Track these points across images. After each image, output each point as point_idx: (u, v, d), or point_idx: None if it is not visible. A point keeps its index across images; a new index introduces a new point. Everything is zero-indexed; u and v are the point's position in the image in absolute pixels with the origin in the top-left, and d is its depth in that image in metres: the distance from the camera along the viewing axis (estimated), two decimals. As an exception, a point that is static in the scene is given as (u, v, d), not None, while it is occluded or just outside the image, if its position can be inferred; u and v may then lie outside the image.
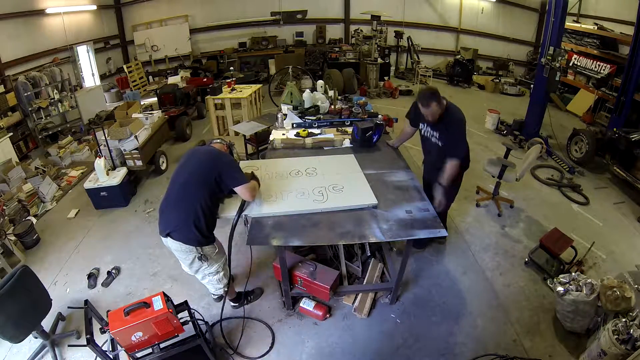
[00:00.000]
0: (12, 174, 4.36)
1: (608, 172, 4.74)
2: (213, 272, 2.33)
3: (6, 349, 2.54)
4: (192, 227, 2.07)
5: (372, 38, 8.38)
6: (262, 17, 9.45)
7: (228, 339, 2.54)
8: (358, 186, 2.63)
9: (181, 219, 2.08)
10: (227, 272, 2.42)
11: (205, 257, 2.21)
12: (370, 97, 7.94)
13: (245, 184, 2.17)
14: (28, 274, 2.31)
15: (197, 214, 2.07)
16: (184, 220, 2.07)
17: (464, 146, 2.71)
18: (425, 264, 3.23)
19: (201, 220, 2.09)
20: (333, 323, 2.68)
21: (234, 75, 7.40)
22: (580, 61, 6.97)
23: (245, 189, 2.17)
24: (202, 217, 2.09)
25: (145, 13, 8.90)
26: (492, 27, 9.98)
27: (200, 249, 2.17)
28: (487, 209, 4.04)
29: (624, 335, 2.06)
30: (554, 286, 2.61)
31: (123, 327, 1.82)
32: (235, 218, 2.28)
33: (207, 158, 2.18)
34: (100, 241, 3.64)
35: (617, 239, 3.55)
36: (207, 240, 2.19)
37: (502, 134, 6.03)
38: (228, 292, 2.50)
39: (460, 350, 2.48)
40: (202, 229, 2.11)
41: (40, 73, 5.80)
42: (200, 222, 2.09)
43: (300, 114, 3.97)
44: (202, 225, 2.10)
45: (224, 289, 2.44)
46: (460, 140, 2.66)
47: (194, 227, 2.08)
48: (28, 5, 6.07)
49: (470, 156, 3.00)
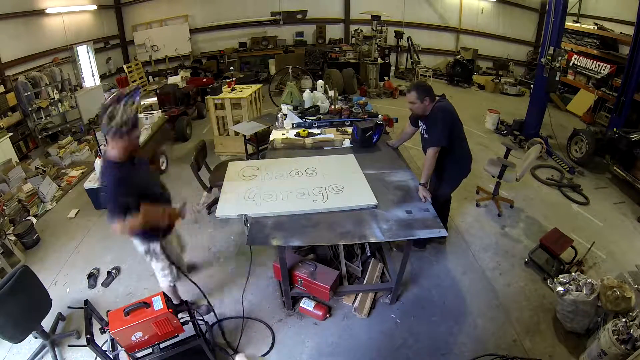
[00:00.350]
0: (12, 174, 4.37)
1: (608, 172, 4.74)
2: (165, 266, 2.33)
3: (6, 349, 2.54)
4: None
5: (372, 38, 8.37)
6: (262, 17, 9.44)
7: (228, 339, 2.54)
8: (358, 186, 2.63)
9: None
10: (174, 276, 2.40)
11: (155, 253, 2.23)
12: (370, 97, 7.94)
13: (113, 219, 1.87)
14: (28, 274, 2.31)
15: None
16: None
17: (442, 134, 2.63)
18: (425, 264, 3.23)
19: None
20: (333, 323, 2.68)
21: (234, 75, 7.38)
22: (580, 61, 6.97)
23: (114, 228, 1.90)
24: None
25: (145, 13, 8.90)
26: (492, 27, 9.97)
27: (149, 245, 2.19)
28: (487, 209, 4.04)
29: (624, 335, 2.07)
30: (554, 286, 2.60)
31: (123, 327, 1.82)
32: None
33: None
34: (100, 241, 3.64)
35: (617, 239, 3.55)
36: (152, 237, 2.16)
37: (502, 134, 6.03)
38: (171, 292, 2.50)
39: (460, 350, 2.48)
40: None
41: (40, 73, 5.79)
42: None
43: (300, 114, 3.97)
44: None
45: (175, 282, 2.45)
46: (441, 129, 2.62)
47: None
48: (28, 5, 6.07)
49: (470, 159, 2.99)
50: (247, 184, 2.67)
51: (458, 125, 2.78)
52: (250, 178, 2.75)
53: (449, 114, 2.68)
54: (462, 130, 2.84)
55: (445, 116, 2.66)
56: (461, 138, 2.84)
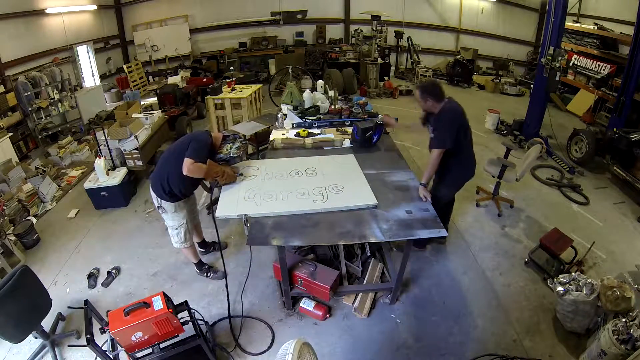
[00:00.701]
0: (12, 174, 4.37)
1: (608, 172, 4.74)
2: (172, 227, 2.78)
3: (6, 349, 2.54)
4: (159, 184, 2.58)
5: (372, 38, 8.38)
6: (262, 17, 9.45)
7: (227, 339, 2.54)
8: (358, 186, 2.63)
9: (157, 176, 2.62)
10: (188, 236, 2.84)
11: (164, 210, 2.69)
12: (370, 97, 7.94)
13: (191, 158, 2.41)
14: (28, 274, 2.31)
15: (167, 176, 2.56)
16: (158, 177, 2.60)
17: (448, 136, 2.62)
18: (425, 264, 3.23)
19: (168, 181, 2.56)
20: (333, 323, 2.68)
21: (234, 75, 7.39)
22: (580, 61, 6.97)
23: (187, 162, 2.41)
24: (169, 179, 2.55)
25: (145, 13, 8.91)
26: (492, 27, 9.98)
27: (160, 201, 2.65)
28: (487, 209, 4.04)
29: (624, 335, 2.06)
30: (554, 286, 2.60)
31: (123, 327, 1.82)
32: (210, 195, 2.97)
33: (188, 136, 2.67)
34: (100, 241, 3.64)
35: (617, 239, 3.55)
36: (167, 198, 2.62)
37: (502, 134, 6.03)
38: (188, 251, 2.96)
39: (460, 350, 2.48)
40: (165, 188, 2.57)
41: (40, 73, 5.79)
42: (166, 182, 2.56)
43: (300, 114, 3.97)
44: (166, 185, 2.57)
45: (182, 245, 2.86)
46: (446, 131, 2.62)
47: (160, 184, 2.58)
48: (28, 5, 6.07)
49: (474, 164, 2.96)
50: (247, 184, 2.67)
51: (465, 127, 2.74)
52: (250, 178, 2.75)
53: (456, 115, 2.67)
54: (468, 134, 2.80)
55: (452, 118, 2.65)
56: (467, 141, 2.81)
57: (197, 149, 2.46)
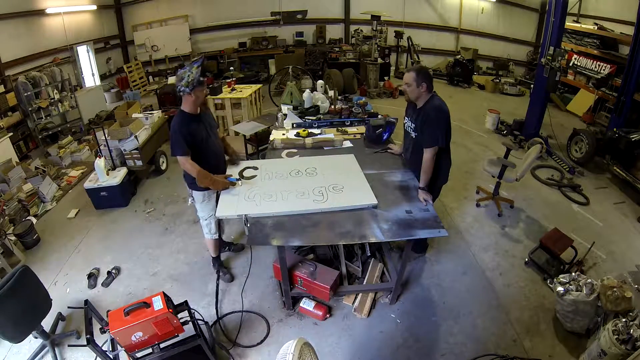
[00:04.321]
0: (12, 174, 4.36)
1: (608, 172, 4.74)
2: (202, 217, 2.82)
3: (6, 349, 2.54)
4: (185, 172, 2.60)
5: (372, 38, 8.37)
6: (262, 17, 9.43)
7: (227, 337, 2.54)
8: (358, 186, 2.63)
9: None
10: (215, 227, 2.85)
11: (194, 200, 2.75)
12: (370, 97, 7.93)
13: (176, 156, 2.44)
14: (28, 274, 2.31)
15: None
16: None
17: (441, 134, 2.55)
18: (425, 264, 3.23)
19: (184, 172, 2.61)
20: (333, 323, 2.68)
21: (234, 75, 7.38)
22: (580, 61, 6.96)
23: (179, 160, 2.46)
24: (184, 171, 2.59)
25: (145, 13, 8.90)
26: (492, 27, 9.97)
27: (191, 190, 2.71)
28: (487, 209, 4.04)
29: (624, 335, 2.07)
30: (554, 286, 2.60)
31: (123, 327, 1.82)
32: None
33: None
34: (100, 241, 3.64)
35: (617, 239, 3.55)
36: (195, 187, 2.60)
37: (502, 134, 6.03)
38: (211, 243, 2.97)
39: (460, 350, 2.48)
40: (188, 177, 2.62)
41: (40, 73, 5.78)
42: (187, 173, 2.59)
43: (300, 114, 3.97)
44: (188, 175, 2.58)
45: (210, 237, 2.89)
46: (440, 129, 2.54)
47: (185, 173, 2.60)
48: (28, 5, 6.07)
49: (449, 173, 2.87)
50: (247, 184, 2.67)
51: (449, 129, 2.69)
52: (250, 178, 2.75)
53: (447, 114, 2.62)
54: (450, 136, 2.73)
55: (446, 117, 2.61)
56: (449, 143, 2.74)
57: (173, 143, 2.42)
